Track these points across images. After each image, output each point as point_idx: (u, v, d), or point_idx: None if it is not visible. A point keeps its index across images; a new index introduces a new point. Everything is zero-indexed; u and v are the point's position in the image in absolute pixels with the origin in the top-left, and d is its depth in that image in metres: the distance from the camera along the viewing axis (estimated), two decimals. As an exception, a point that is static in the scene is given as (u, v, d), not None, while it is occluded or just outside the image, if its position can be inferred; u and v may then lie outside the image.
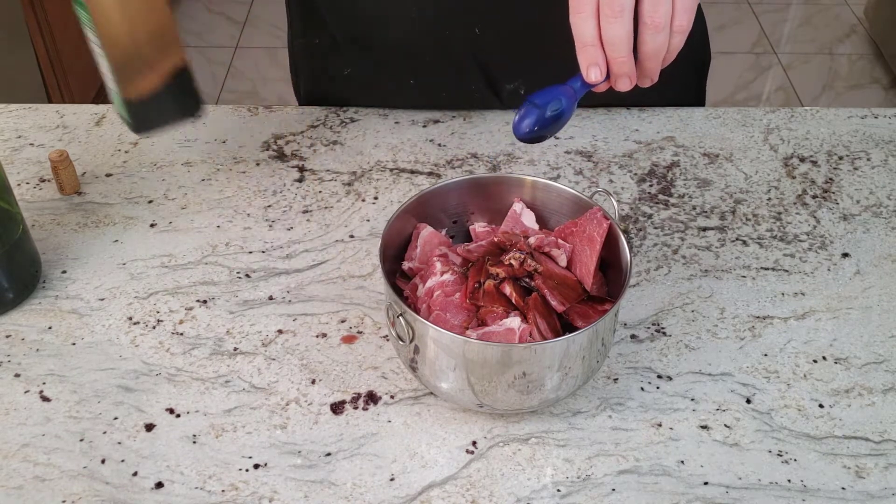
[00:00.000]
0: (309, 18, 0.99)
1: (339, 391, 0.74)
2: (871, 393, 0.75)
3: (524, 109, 0.67)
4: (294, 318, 0.80)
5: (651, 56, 0.65)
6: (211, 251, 0.86)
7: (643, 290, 0.83)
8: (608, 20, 0.62)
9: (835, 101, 2.77)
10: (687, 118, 1.02)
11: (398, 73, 0.99)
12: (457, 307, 0.71)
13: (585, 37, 0.63)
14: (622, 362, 0.76)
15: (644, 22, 0.63)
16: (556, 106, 0.66)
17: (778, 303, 0.82)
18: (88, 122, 1.00)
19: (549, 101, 0.66)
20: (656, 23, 0.63)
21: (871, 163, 0.97)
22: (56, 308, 0.80)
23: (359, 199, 0.92)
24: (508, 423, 0.72)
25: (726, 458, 0.70)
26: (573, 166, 0.95)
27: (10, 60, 2.04)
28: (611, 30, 0.62)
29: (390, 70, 0.99)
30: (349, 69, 1.00)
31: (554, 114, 0.66)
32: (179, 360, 0.76)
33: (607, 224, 0.72)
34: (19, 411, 0.72)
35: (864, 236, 0.88)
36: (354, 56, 0.99)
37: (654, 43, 0.64)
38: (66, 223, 0.88)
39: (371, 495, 0.67)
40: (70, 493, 0.67)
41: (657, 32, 0.63)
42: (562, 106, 0.67)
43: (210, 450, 0.70)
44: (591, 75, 0.64)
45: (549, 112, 0.66)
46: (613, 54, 0.64)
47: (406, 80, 0.99)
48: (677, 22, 0.64)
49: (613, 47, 0.63)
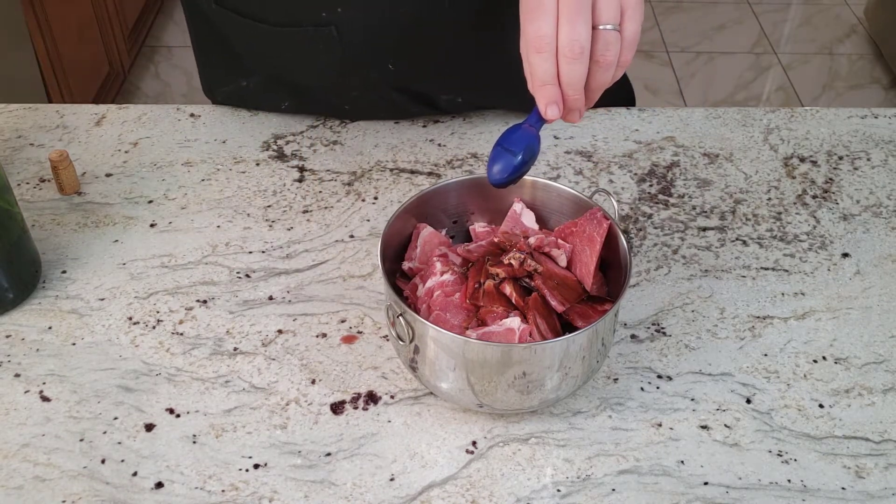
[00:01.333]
0: (231, 68, 1.00)
1: (339, 391, 0.74)
2: (871, 393, 0.75)
3: (499, 158, 0.68)
4: (294, 318, 0.80)
5: (597, 89, 0.67)
6: (211, 251, 0.86)
7: (643, 290, 0.83)
8: (568, 61, 0.63)
9: (835, 101, 2.77)
10: (687, 118, 1.02)
11: (330, 106, 1.01)
12: (457, 307, 0.71)
13: (546, 76, 0.64)
14: (622, 362, 0.76)
15: (596, 60, 0.64)
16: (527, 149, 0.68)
17: (778, 303, 0.82)
18: (88, 122, 1.00)
19: (518, 144, 0.68)
20: (607, 61, 0.64)
21: (871, 163, 0.97)
22: (56, 308, 0.80)
23: (359, 199, 0.92)
24: (508, 423, 0.72)
25: (726, 458, 0.70)
26: (573, 166, 0.95)
27: (10, 60, 2.04)
28: (571, 71, 0.63)
29: (322, 104, 1.01)
30: (285, 103, 1.01)
31: (524, 156, 0.68)
32: (179, 360, 0.76)
33: (607, 224, 0.72)
34: (19, 411, 0.72)
35: (864, 236, 0.88)
36: (285, 93, 1.00)
37: (603, 78, 0.66)
38: (66, 223, 0.88)
39: (371, 495, 0.67)
40: (70, 493, 0.67)
41: (607, 70, 0.65)
42: (533, 148, 0.68)
43: (210, 450, 0.70)
44: (549, 113, 0.65)
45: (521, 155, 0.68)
46: (570, 92, 0.65)
47: (342, 107, 1.00)
48: (623, 58, 0.66)
49: (571, 86, 0.64)
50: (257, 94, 1.01)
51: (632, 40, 0.65)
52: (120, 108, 1.03)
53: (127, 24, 2.63)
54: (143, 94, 2.72)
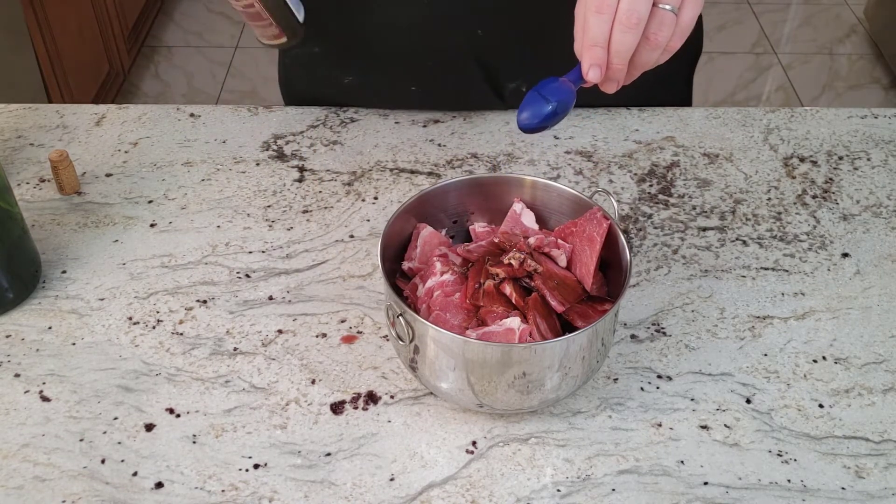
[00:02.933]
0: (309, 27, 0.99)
1: (339, 391, 0.74)
2: (871, 393, 0.75)
3: (533, 102, 0.67)
4: (294, 318, 0.80)
5: (639, 67, 0.67)
6: (211, 251, 0.86)
7: (643, 290, 0.83)
8: (623, 28, 0.63)
9: (835, 101, 2.77)
10: (687, 118, 1.02)
11: (399, 80, 0.99)
12: (457, 307, 0.71)
13: (598, 37, 0.64)
14: (622, 362, 0.76)
15: (647, 37, 0.64)
16: (562, 102, 0.67)
17: (778, 303, 0.82)
18: (88, 122, 1.00)
19: (554, 94, 0.67)
20: (658, 41, 0.65)
21: (871, 163, 0.97)
22: (56, 308, 0.80)
23: (359, 199, 0.92)
24: (508, 423, 0.72)
25: (726, 458, 0.70)
26: (573, 166, 0.95)
27: (10, 60, 2.04)
28: (623, 38, 0.63)
29: (391, 77, 0.99)
30: (349, 78, 1.00)
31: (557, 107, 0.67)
32: (179, 360, 0.76)
33: (607, 224, 0.72)
34: (19, 411, 0.72)
35: (864, 236, 0.88)
36: (355, 64, 0.99)
37: (649, 58, 0.66)
38: (66, 223, 0.88)
39: (371, 495, 0.67)
40: (70, 493, 0.67)
41: (654, 50, 0.65)
42: (567, 103, 0.67)
43: (210, 450, 0.70)
44: (591, 75, 0.65)
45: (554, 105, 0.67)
46: (615, 60, 0.65)
47: (407, 87, 0.99)
48: (672, 43, 0.66)
49: (619, 55, 0.64)
50: (325, 63, 0.99)
51: (686, 27, 0.65)
52: (120, 108, 1.03)
53: (127, 24, 2.63)
54: (143, 94, 2.72)
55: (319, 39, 0.98)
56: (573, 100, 0.68)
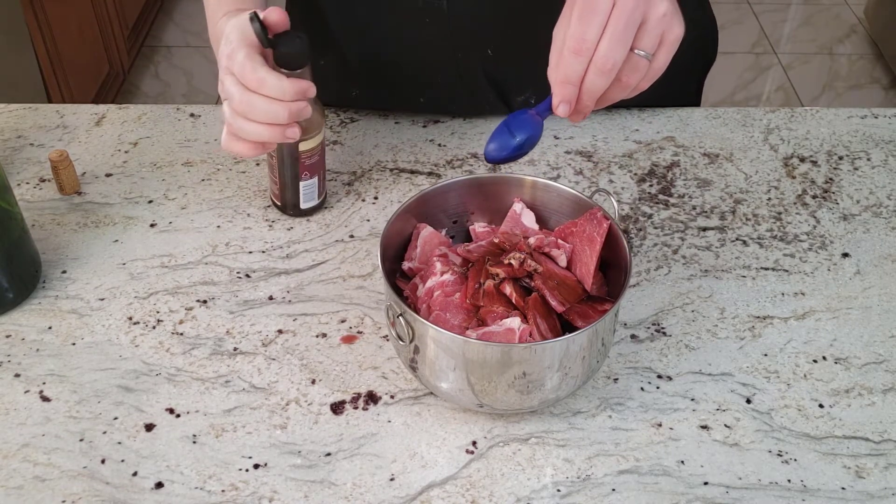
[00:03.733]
0: (317, 39, 0.99)
1: (339, 391, 0.74)
2: (871, 393, 0.75)
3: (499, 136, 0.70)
4: (294, 318, 0.80)
5: (605, 102, 0.68)
6: (211, 251, 0.86)
7: (643, 290, 0.83)
8: (598, 72, 0.64)
9: (835, 101, 2.77)
10: (687, 118, 1.02)
11: (408, 94, 0.99)
12: (457, 307, 0.71)
13: (571, 76, 0.65)
14: (622, 362, 0.76)
15: (618, 79, 0.65)
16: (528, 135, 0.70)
17: (778, 303, 0.82)
18: (88, 122, 1.00)
19: (521, 128, 0.70)
20: (628, 84, 0.66)
21: (871, 163, 0.97)
22: (56, 308, 0.80)
23: (359, 199, 0.92)
24: (508, 423, 0.72)
25: (726, 458, 0.70)
26: (573, 166, 0.95)
27: (10, 60, 2.04)
28: (596, 80, 0.64)
29: (400, 91, 0.99)
30: (356, 91, 1.00)
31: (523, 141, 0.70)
32: (179, 360, 0.76)
33: (607, 224, 0.72)
34: (19, 411, 0.72)
35: (864, 236, 0.88)
36: (363, 77, 0.99)
37: (616, 96, 0.67)
38: (66, 223, 0.88)
39: (371, 495, 0.67)
40: (70, 493, 0.67)
41: (623, 90, 0.67)
42: (533, 137, 0.70)
43: (210, 450, 0.70)
44: (560, 110, 0.67)
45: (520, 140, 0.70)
46: (585, 98, 0.66)
47: (416, 100, 0.99)
48: (641, 85, 0.67)
49: (589, 94, 0.66)
50: (332, 75, 1.00)
51: (657, 71, 0.67)
52: (120, 108, 1.03)
53: (127, 24, 2.63)
54: (143, 94, 2.72)
55: (327, 52, 0.98)
56: (540, 132, 0.70)
